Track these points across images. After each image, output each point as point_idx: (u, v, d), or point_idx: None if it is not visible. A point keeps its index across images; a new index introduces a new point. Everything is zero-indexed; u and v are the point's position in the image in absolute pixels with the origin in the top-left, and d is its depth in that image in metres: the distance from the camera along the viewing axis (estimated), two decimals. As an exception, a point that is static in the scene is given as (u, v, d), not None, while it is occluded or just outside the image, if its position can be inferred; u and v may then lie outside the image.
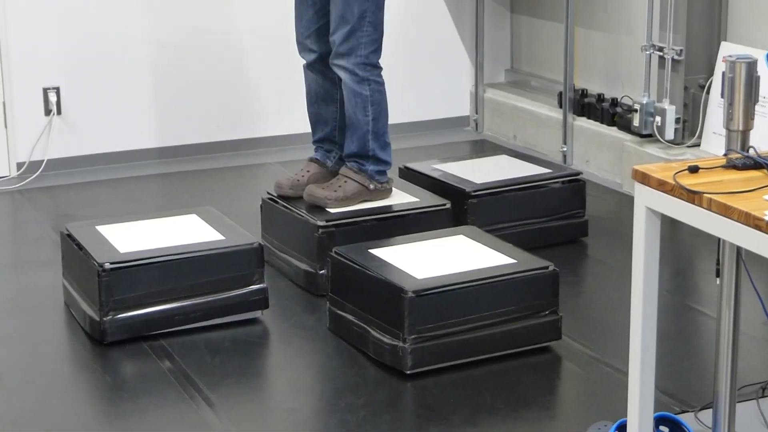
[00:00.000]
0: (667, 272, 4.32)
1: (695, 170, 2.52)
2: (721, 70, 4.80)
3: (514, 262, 3.79)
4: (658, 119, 5.25)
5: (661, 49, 5.27)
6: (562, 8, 5.80)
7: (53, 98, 5.65)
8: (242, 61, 5.98)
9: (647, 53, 5.31)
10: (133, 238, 4.01)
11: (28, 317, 4.10)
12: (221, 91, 5.97)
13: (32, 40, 5.58)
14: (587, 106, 5.76)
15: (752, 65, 2.60)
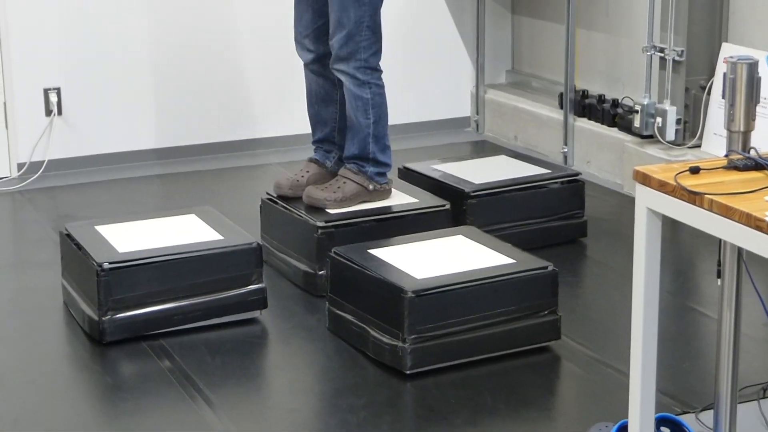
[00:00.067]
0: (668, 273, 4.31)
1: (696, 171, 2.51)
2: (722, 71, 4.80)
3: (513, 262, 3.78)
4: (659, 120, 5.25)
5: (662, 50, 5.26)
6: (563, 9, 5.80)
7: (54, 99, 5.65)
8: (242, 61, 5.98)
9: (648, 54, 5.31)
10: (132, 238, 4.00)
11: (28, 318, 4.10)
12: (221, 91, 5.97)
13: (33, 40, 5.57)
14: (588, 107, 5.76)
15: (753, 66, 2.60)
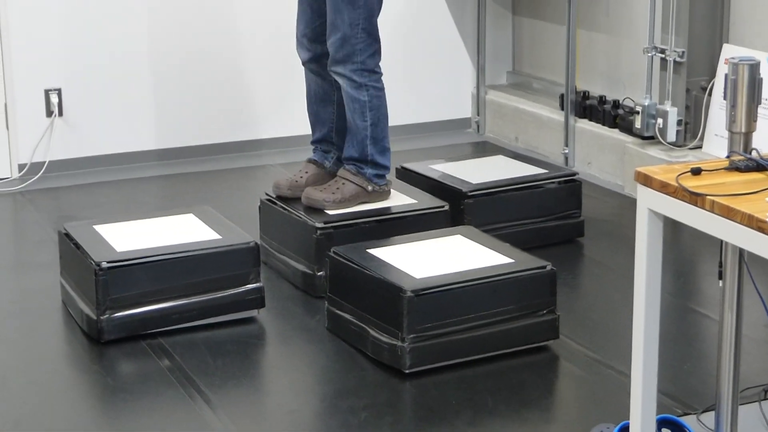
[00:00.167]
0: (669, 274, 4.31)
1: (698, 172, 2.51)
2: (723, 71, 4.80)
3: (511, 261, 3.78)
4: (660, 121, 5.24)
5: (663, 51, 5.26)
6: (563, 10, 5.79)
7: (55, 100, 5.64)
8: (243, 62, 5.98)
9: (649, 55, 5.30)
10: (130, 237, 4.00)
11: (28, 318, 4.10)
12: (222, 92, 5.96)
13: (34, 41, 5.57)
14: (589, 108, 5.75)
15: (755, 67, 2.59)
